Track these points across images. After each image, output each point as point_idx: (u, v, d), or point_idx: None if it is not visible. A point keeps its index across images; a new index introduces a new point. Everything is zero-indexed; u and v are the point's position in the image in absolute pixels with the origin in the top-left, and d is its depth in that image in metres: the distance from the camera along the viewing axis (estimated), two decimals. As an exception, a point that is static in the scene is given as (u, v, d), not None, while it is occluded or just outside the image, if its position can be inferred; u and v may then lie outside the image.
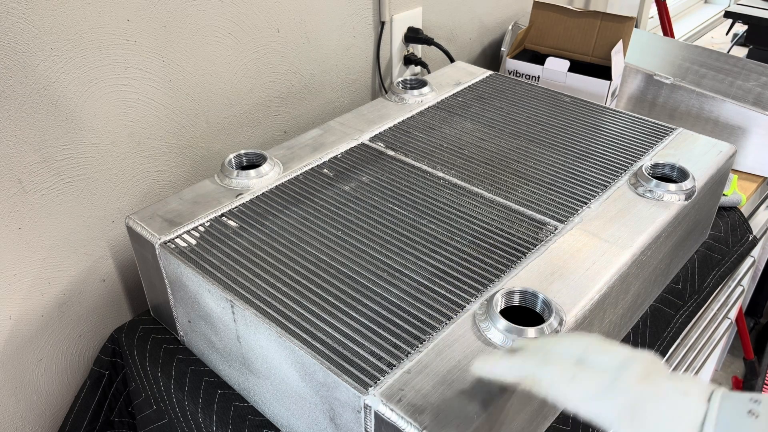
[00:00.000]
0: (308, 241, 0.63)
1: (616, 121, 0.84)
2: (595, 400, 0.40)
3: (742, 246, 0.90)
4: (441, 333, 0.53)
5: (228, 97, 0.86)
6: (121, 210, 0.79)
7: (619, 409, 0.39)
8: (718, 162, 0.76)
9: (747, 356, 1.70)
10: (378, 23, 1.03)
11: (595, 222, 0.66)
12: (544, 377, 0.42)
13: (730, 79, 1.10)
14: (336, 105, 1.03)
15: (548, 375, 0.41)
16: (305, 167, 0.76)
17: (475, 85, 0.95)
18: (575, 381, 0.40)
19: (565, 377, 0.41)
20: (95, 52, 0.69)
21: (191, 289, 0.62)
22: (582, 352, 0.42)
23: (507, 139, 0.81)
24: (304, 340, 0.52)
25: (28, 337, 0.74)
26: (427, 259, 0.61)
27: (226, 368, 0.65)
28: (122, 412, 0.78)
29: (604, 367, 0.41)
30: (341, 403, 0.50)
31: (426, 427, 0.45)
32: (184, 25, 0.76)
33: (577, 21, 1.08)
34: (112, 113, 0.73)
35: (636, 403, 0.38)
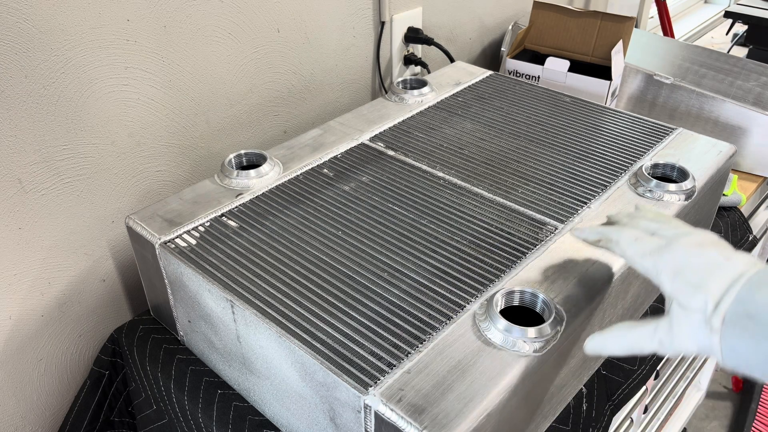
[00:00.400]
0: (308, 241, 0.63)
1: (616, 121, 0.84)
2: (648, 257, 0.48)
3: (742, 246, 0.90)
4: (441, 333, 0.53)
5: (228, 97, 0.86)
6: (121, 210, 0.79)
7: (664, 263, 0.46)
8: (718, 162, 0.76)
9: (747, 356, 1.70)
10: (378, 23, 1.03)
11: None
12: (614, 238, 0.52)
13: (730, 79, 1.10)
14: (336, 105, 1.03)
15: (619, 236, 0.52)
16: (305, 167, 0.76)
17: (475, 85, 0.95)
18: (638, 242, 0.50)
19: (632, 239, 0.50)
20: (95, 52, 0.69)
21: (191, 289, 0.62)
22: (657, 227, 0.51)
23: (507, 139, 0.81)
24: (304, 340, 0.52)
25: (28, 337, 0.74)
26: (427, 259, 0.61)
27: (226, 368, 0.65)
28: (122, 412, 0.78)
29: (666, 236, 0.49)
30: (341, 403, 0.50)
31: (426, 427, 0.45)
32: (184, 25, 0.76)
33: (577, 21, 1.08)
34: (112, 113, 0.73)
35: (680, 258, 0.46)
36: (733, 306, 0.41)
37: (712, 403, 1.71)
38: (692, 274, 0.44)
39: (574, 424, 0.63)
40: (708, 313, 0.42)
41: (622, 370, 0.70)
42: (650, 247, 0.48)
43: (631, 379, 0.71)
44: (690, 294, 0.44)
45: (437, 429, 0.45)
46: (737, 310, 0.41)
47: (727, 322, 0.41)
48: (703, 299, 0.43)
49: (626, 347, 0.48)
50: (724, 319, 0.41)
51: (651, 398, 0.95)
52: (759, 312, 0.40)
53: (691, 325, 0.43)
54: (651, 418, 1.02)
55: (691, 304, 0.43)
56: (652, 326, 0.46)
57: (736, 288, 0.42)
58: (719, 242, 0.47)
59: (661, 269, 0.46)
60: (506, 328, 0.51)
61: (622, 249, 0.51)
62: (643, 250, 0.48)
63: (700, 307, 0.43)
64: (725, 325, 0.41)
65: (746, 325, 0.40)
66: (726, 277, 0.42)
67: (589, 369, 0.66)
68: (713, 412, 1.69)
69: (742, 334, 0.40)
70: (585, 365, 0.63)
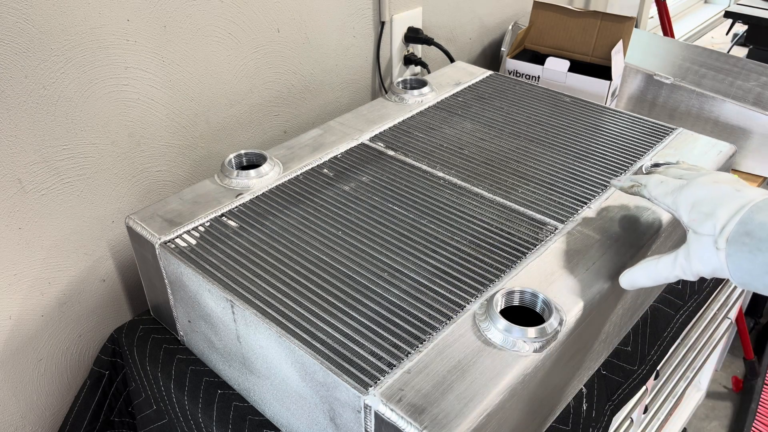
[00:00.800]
0: (308, 241, 0.63)
1: (616, 121, 0.84)
2: (669, 195, 0.54)
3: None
4: (441, 333, 0.53)
5: (228, 97, 0.86)
6: (121, 210, 0.79)
7: (684, 199, 0.52)
8: (718, 162, 0.76)
9: (747, 356, 1.70)
10: (378, 23, 1.03)
11: (595, 222, 0.66)
12: (643, 182, 0.58)
13: (730, 79, 1.10)
14: (336, 105, 1.03)
15: (647, 181, 0.58)
16: (305, 167, 0.76)
17: (475, 85, 0.95)
18: (663, 183, 0.56)
19: (658, 182, 0.57)
20: (95, 52, 0.69)
21: (191, 289, 0.62)
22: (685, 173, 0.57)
23: (507, 139, 0.81)
24: (304, 340, 0.52)
25: (28, 337, 0.74)
26: (427, 259, 0.61)
27: (226, 368, 0.65)
28: (122, 412, 0.78)
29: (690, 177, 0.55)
30: (341, 403, 0.50)
31: (426, 427, 0.45)
32: (184, 25, 0.76)
33: (577, 21, 1.08)
34: (112, 113, 0.73)
35: (698, 194, 0.52)
36: (736, 227, 0.47)
37: (712, 403, 1.71)
38: (705, 205, 0.50)
39: (574, 424, 0.63)
40: (716, 236, 0.48)
41: (622, 370, 0.70)
42: (672, 187, 0.54)
43: (631, 379, 0.71)
44: (702, 221, 0.50)
45: (437, 429, 0.45)
46: (739, 230, 0.47)
47: (730, 240, 0.47)
48: (712, 225, 0.49)
49: (654, 277, 0.55)
50: (728, 239, 0.47)
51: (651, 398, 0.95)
52: (754, 229, 0.46)
53: (703, 249, 0.49)
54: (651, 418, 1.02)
55: (703, 230, 0.50)
56: (673, 255, 0.53)
57: (741, 213, 0.47)
58: (736, 180, 0.52)
59: (680, 204, 0.52)
60: (506, 328, 0.51)
61: (649, 191, 0.57)
62: (666, 190, 0.55)
63: (709, 232, 0.49)
64: (728, 243, 0.47)
65: (744, 241, 0.46)
66: (734, 205, 0.48)
67: (589, 369, 0.66)
68: (713, 412, 1.69)
69: (741, 249, 0.46)
70: (585, 365, 0.63)
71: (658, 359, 0.74)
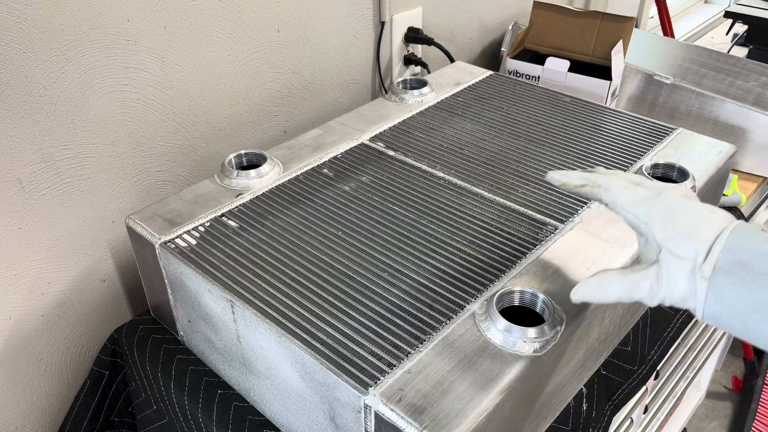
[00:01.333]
0: (308, 241, 0.63)
1: (616, 121, 0.84)
2: (640, 204, 0.48)
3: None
4: (441, 333, 0.53)
5: (228, 97, 0.86)
6: (121, 210, 0.79)
7: (657, 211, 0.47)
8: (718, 162, 0.76)
9: (747, 356, 1.70)
10: (378, 23, 1.03)
11: (595, 222, 0.66)
12: (603, 183, 0.51)
13: (730, 79, 1.10)
14: (336, 105, 1.03)
15: (607, 182, 0.51)
16: (305, 167, 0.76)
17: (475, 85, 0.95)
18: (629, 189, 0.50)
19: (621, 185, 0.50)
20: (95, 52, 0.69)
21: (191, 289, 0.62)
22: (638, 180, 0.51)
23: (507, 139, 0.81)
24: (304, 340, 0.52)
25: (28, 337, 0.74)
26: (427, 259, 0.61)
27: (226, 368, 0.65)
28: (122, 412, 0.78)
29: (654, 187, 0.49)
30: (341, 403, 0.50)
31: (426, 427, 0.45)
32: (184, 25, 0.76)
33: (577, 21, 1.08)
34: (112, 113, 0.73)
35: (672, 208, 0.47)
36: (723, 254, 0.43)
37: (712, 403, 1.71)
38: (683, 224, 0.45)
39: (574, 424, 0.63)
40: (699, 262, 0.44)
41: (622, 370, 0.70)
42: (642, 195, 0.49)
43: (631, 379, 0.71)
44: (681, 242, 0.45)
45: (437, 429, 0.45)
46: (728, 258, 0.42)
47: (719, 270, 0.43)
48: (694, 248, 0.44)
49: (610, 296, 0.49)
50: (716, 267, 0.43)
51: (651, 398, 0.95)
52: (750, 260, 0.42)
53: (681, 273, 0.45)
54: (651, 418, 1.02)
55: (681, 252, 0.45)
56: (641, 275, 0.47)
57: (724, 237, 0.43)
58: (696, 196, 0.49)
59: (653, 216, 0.47)
60: (506, 328, 0.51)
61: (614, 195, 0.50)
62: (635, 197, 0.49)
63: (690, 256, 0.44)
64: (716, 273, 0.43)
65: (739, 273, 0.42)
66: (714, 227, 0.44)
67: (589, 369, 0.66)
68: (713, 412, 1.69)
69: (733, 281, 0.42)
70: (585, 365, 0.63)
71: (658, 359, 0.74)
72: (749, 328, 0.42)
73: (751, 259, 0.42)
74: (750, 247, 0.42)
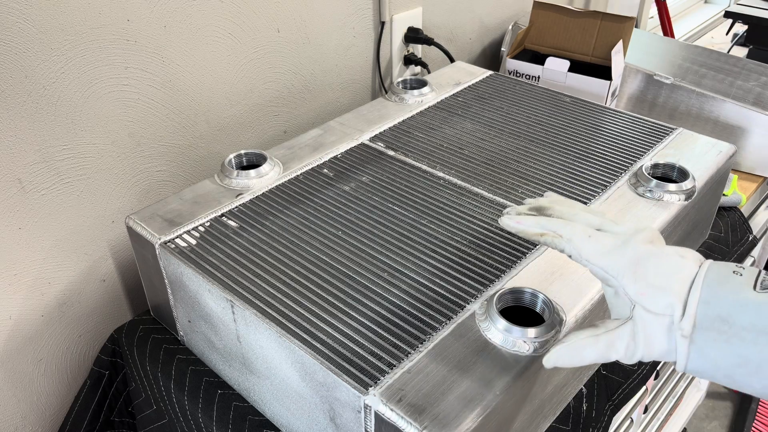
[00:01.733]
0: (308, 241, 0.63)
1: (616, 121, 0.84)
2: (606, 256, 0.45)
3: (742, 246, 0.90)
4: (441, 333, 0.53)
5: (228, 97, 0.86)
6: (121, 210, 0.79)
7: (625, 263, 0.44)
8: (718, 162, 0.76)
9: (747, 356, 1.70)
10: (378, 23, 1.03)
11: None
12: (565, 233, 0.47)
13: (730, 79, 1.10)
14: (336, 105, 1.03)
15: (569, 232, 0.47)
16: (305, 167, 0.76)
17: (475, 85, 0.95)
18: (592, 239, 0.46)
19: (584, 235, 0.46)
20: (95, 52, 0.69)
21: (191, 289, 0.62)
22: (598, 222, 0.48)
23: (507, 139, 0.81)
24: (304, 340, 0.52)
25: (28, 337, 0.74)
26: (427, 259, 0.61)
27: (226, 368, 0.65)
28: (122, 412, 0.78)
29: (617, 232, 0.46)
30: (341, 403, 0.50)
31: (426, 427, 0.45)
32: (184, 25, 0.76)
33: (577, 21, 1.08)
34: (112, 113, 0.73)
35: (640, 258, 0.44)
36: (701, 308, 0.40)
37: (712, 403, 1.71)
38: (654, 276, 0.43)
39: (574, 424, 0.63)
40: (676, 319, 0.41)
41: (622, 370, 0.70)
42: (607, 245, 0.45)
43: (631, 379, 0.71)
44: (655, 297, 0.42)
45: (437, 429, 0.45)
46: (707, 312, 0.40)
47: (699, 326, 0.40)
48: (669, 303, 0.42)
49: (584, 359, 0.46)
50: (695, 323, 0.40)
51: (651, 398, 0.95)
52: (730, 313, 0.39)
53: (658, 330, 0.42)
54: (651, 418, 1.02)
55: (656, 308, 0.42)
56: (615, 335, 0.44)
57: (698, 287, 0.41)
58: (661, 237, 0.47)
59: (622, 270, 0.44)
60: (506, 328, 0.51)
61: (577, 247, 0.46)
62: (600, 248, 0.45)
63: (666, 311, 0.42)
64: (697, 329, 0.40)
65: (720, 328, 0.40)
66: (687, 276, 0.42)
67: (589, 369, 0.66)
68: (713, 412, 1.69)
69: (716, 338, 0.40)
70: (585, 365, 0.63)
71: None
72: (735, 380, 0.41)
73: (731, 312, 0.39)
74: (727, 298, 0.40)
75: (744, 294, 0.40)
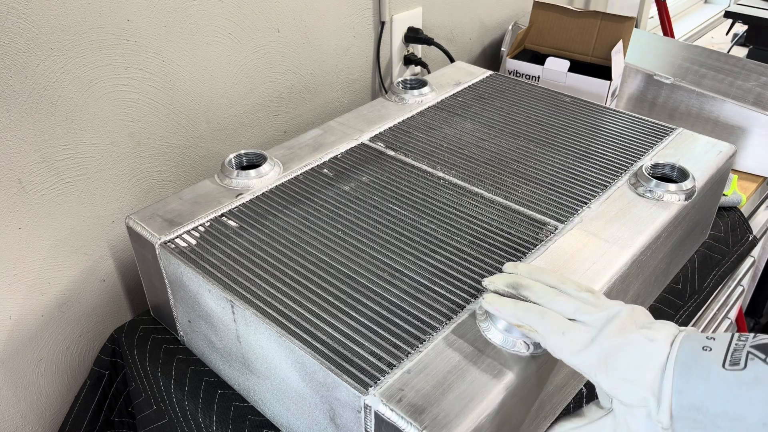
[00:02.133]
0: (308, 241, 0.63)
1: (616, 121, 0.84)
2: (578, 354, 0.45)
3: (742, 246, 0.90)
4: (441, 333, 0.53)
5: (228, 97, 0.86)
6: (121, 210, 0.79)
7: (596, 360, 0.44)
8: (718, 162, 0.76)
9: (747, 356, 1.70)
10: (378, 23, 1.03)
11: (595, 222, 0.66)
12: (540, 329, 0.47)
13: (730, 79, 1.10)
14: (336, 105, 1.03)
15: (543, 328, 0.47)
16: (305, 167, 0.76)
17: (475, 85, 0.95)
18: (565, 336, 0.46)
19: (558, 332, 0.46)
20: (95, 52, 0.69)
21: (191, 289, 0.62)
22: (574, 310, 0.47)
23: (507, 139, 0.81)
24: (304, 340, 0.52)
25: (28, 337, 0.74)
26: (427, 259, 0.61)
27: (226, 368, 0.65)
28: (122, 412, 0.78)
29: (591, 324, 0.46)
30: (341, 403, 0.50)
31: (426, 427, 0.45)
32: (184, 25, 0.76)
33: (577, 21, 1.08)
34: (112, 113, 0.73)
35: (609, 353, 0.44)
36: (675, 398, 0.40)
37: (712, 403, 1.71)
38: (625, 369, 0.43)
39: (574, 424, 0.63)
40: (652, 411, 0.41)
41: (622, 370, 0.70)
42: (579, 342, 0.45)
43: (631, 379, 0.70)
44: (628, 391, 0.42)
45: (437, 429, 0.45)
46: (681, 403, 0.40)
47: (676, 417, 0.41)
48: (641, 396, 0.42)
49: None
50: (672, 415, 0.41)
51: (651, 398, 0.95)
52: (702, 401, 0.39)
53: (637, 420, 0.43)
54: (651, 418, 1.02)
55: (632, 400, 0.42)
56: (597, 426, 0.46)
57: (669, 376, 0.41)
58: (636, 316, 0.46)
59: (593, 367, 0.44)
60: (506, 328, 0.51)
61: (551, 346, 0.47)
62: (572, 347, 0.45)
63: (641, 403, 0.42)
64: (675, 420, 0.41)
65: (696, 418, 0.40)
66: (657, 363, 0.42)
67: (589, 369, 0.66)
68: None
69: (694, 426, 0.40)
70: None
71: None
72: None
73: (704, 401, 0.39)
74: (698, 386, 0.40)
75: (713, 378, 0.39)
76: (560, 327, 0.46)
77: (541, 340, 0.47)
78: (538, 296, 0.49)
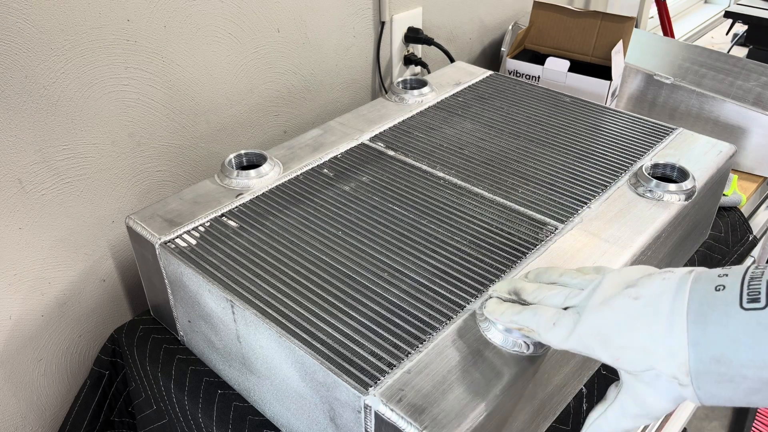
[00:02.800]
0: (308, 241, 0.63)
1: (616, 121, 0.84)
2: (569, 339, 0.44)
3: (742, 246, 0.90)
4: (441, 333, 0.53)
5: (228, 97, 0.86)
6: (121, 210, 0.79)
7: (590, 338, 0.42)
8: (718, 162, 0.76)
9: (747, 356, 1.70)
10: (378, 23, 1.03)
11: (595, 222, 0.66)
12: (534, 327, 0.47)
13: (730, 79, 1.10)
14: (336, 105, 1.03)
15: (537, 325, 0.47)
16: (305, 167, 0.76)
17: (475, 85, 0.95)
18: (556, 326, 0.45)
19: (549, 324, 0.45)
20: (95, 52, 0.69)
21: (191, 289, 0.62)
22: (564, 299, 0.46)
23: (507, 139, 0.81)
24: (304, 340, 0.52)
25: (28, 337, 0.74)
26: (427, 259, 0.61)
27: (226, 368, 0.65)
28: (122, 412, 0.78)
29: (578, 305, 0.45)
30: (341, 403, 0.50)
31: (426, 427, 0.45)
32: (184, 25, 0.76)
33: (577, 21, 1.08)
34: (112, 113, 0.73)
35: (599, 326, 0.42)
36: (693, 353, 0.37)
37: (712, 403, 1.71)
38: (617, 337, 0.40)
39: (574, 424, 0.63)
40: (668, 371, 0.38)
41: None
42: (567, 326, 0.44)
43: (631, 379, 0.71)
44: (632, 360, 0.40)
45: (437, 429, 0.45)
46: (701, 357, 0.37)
47: (696, 373, 0.37)
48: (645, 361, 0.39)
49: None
50: (690, 371, 0.37)
51: (651, 398, 0.95)
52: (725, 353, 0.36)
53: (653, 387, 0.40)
54: (651, 418, 1.01)
55: (635, 367, 0.40)
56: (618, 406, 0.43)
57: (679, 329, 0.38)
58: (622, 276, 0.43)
59: (589, 345, 0.42)
60: (506, 328, 0.51)
61: (545, 340, 0.46)
62: (562, 334, 0.44)
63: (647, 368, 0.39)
64: (695, 377, 0.37)
65: (720, 371, 0.36)
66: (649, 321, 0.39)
67: (589, 369, 0.66)
68: (713, 412, 1.69)
69: (719, 380, 0.37)
70: (585, 365, 0.63)
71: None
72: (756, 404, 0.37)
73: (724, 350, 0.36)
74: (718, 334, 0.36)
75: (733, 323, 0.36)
76: (551, 319, 0.45)
77: (538, 337, 0.47)
78: (534, 296, 0.49)
